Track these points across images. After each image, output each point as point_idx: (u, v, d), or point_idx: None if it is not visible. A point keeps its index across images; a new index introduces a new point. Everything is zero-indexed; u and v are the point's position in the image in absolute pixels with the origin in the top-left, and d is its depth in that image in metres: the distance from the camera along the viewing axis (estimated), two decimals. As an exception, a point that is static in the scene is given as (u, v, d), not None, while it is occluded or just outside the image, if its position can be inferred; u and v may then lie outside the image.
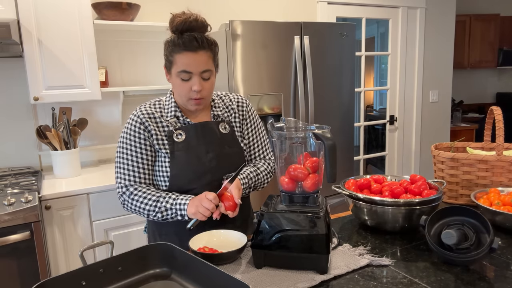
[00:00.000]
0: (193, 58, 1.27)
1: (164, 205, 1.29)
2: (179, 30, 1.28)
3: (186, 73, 1.28)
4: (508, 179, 1.48)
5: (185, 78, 1.29)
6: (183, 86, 1.30)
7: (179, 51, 1.27)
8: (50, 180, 2.29)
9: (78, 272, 0.92)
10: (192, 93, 1.31)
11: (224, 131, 1.41)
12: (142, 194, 1.31)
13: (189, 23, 1.27)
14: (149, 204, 1.30)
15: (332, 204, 2.76)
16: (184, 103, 1.35)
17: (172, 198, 1.30)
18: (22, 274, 1.85)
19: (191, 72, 1.28)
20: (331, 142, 1.07)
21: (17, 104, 2.46)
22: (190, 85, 1.30)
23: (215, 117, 1.42)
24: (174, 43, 1.28)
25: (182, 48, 1.26)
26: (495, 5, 5.33)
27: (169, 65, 1.32)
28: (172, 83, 1.34)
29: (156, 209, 1.29)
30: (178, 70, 1.28)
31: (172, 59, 1.29)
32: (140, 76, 2.80)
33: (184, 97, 1.32)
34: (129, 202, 1.32)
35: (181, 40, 1.26)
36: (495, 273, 1.05)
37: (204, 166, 1.35)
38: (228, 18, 2.99)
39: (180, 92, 1.32)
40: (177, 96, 1.36)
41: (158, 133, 1.34)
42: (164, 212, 1.29)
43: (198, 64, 1.28)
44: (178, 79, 1.30)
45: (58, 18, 2.19)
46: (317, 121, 2.66)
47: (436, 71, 4.03)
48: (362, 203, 1.31)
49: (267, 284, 1.01)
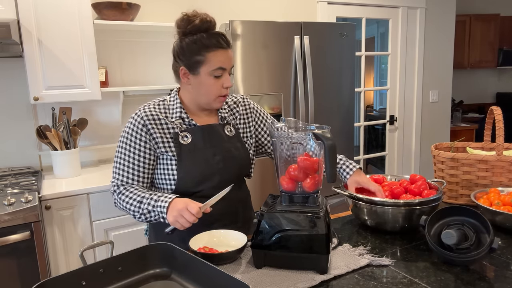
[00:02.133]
0: (226, 55, 1.30)
1: (146, 207, 1.25)
2: (201, 30, 1.28)
3: (221, 70, 1.29)
4: (508, 179, 1.48)
5: (219, 75, 1.30)
6: (215, 84, 1.30)
7: (212, 50, 1.27)
8: (50, 180, 2.29)
9: (78, 272, 0.92)
10: (223, 90, 1.32)
11: (230, 134, 1.41)
12: (129, 194, 1.29)
13: (207, 22, 1.28)
14: (133, 205, 1.27)
15: (332, 204, 2.76)
16: (210, 102, 1.33)
17: (154, 200, 1.24)
18: (22, 274, 1.85)
19: (226, 68, 1.30)
20: (331, 142, 1.06)
21: (17, 104, 2.46)
22: (221, 82, 1.31)
23: (222, 119, 1.41)
24: (202, 43, 1.27)
25: (216, 46, 1.27)
26: (495, 5, 5.33)
27: (196, 65, 1.28)
28: (198, 82, 1.31)
29: (140, 211, 1.26)
30: (212, 68, 1.28)
31: (202, 58, 1.27)
32: (140, 76, 2.80)
33: (214, 95, 1.32)
34: (118, 201, 1.31)
35: (213, 39, 1.27)
36: (495, 273, 1.05)
37: (211, 168, 1.33)
38: (228, 18, 2.99)
39: (210, 90, 1.31)
40: (202, 95, 1.33)
41: (163, 135, 1.32)
42: (147, 214, 1.25)
43: (230, 61, 1.32)
44: (209, 78, 1.29)
45: (58, 18, 2.19)
46: (317, 121, 2.66)
47: (436, 71, 4.03)
48: (362, 203, 1.31)
49: (267, 284, 1.01)
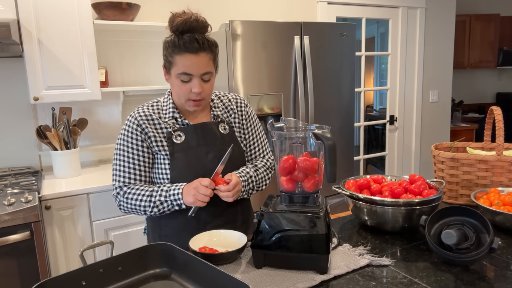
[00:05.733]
0: (193, 60, 1.24)
1: (158, 198, 1.28)
2: (179, 31, 1.25)
3: (186, 75, 1.26)
4: (508, 179, 1.48)
5: (185, 80, 1.27)
6: (183, 87, 1.28)
7: (179, 53, 1.24)
8: (50, 180, 2.29)
9: (78, 272, 0.92)
10: (192, 94, 1.29)
11: (224, 132, 1.40)
12: (136, 192, 1.30)
13: (190, 23, 1.24)
14: (144, 200, 1.28)
15: (332, 204, 2.76)
16: (183, 104, 1.33)
17: (165, 190, 1.28)
18: (22, 274, 1.85)
19: (192, 74, 1.26)
20: (331, 142, 1.07)
21: (17, 104, 2.46)
22: (190, 86, 1.28)
23: (215, 117, 1.41)
24: (174, 44, 1.25)
25: (182, 49, 1.23)
26: (495, 5, 5.34)
27: (169, 65, 1.29)
28: (171, 83, 1.32)
29: (151, 204, 1.28)
30: (178, 71, 1.26)
31: (172, 60, 1.26)
32: (140, 76, 2.80)
33: (183, 98, 1.30)
34: (124, 202, 1.31)
35: (182, 41, 1.23)
36: (495, 273, 1.05)
37: (204, 167, 1.34)
38: (228, 18, 2.99)
39: (179, 93, 1.30)
40: (175, 97, 1.34)
41: (157, 135, 1.33)
42: (160, 205, 1.28)
43: (198, 67, 1.25)
44: (177, 81, 1.28)
45: (58, 18, 2.19)
46: (317, 121, 2.66)
47: (436, 71, 4.03)
48: (362, 203, 1.31)
49: (267, 284, 1.01)
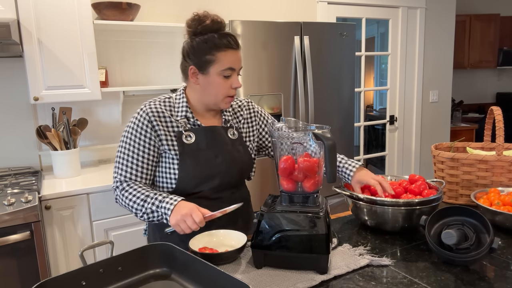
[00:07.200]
0: (237, 56, 1.32)
1: (150, 206, 1.24)
2: (211, 30, 1.29)
3: (230, 70, 1.31)
4: (508, 179, 1.48)
5: (228, 75, 1.31)
6: (224, 84, 1.31)
7: (223, 50, 1.28)
8: (50, 180, 2.29)
9: (78, 272, 0.92)
10: (231, 90, 1.33)
11: (233, 137, 1.41)
12: (132, 192, 1.28)
13: (218, 23, 1.30)
14: (137, 203, 1.26)
15: (332, 204, 2.77)
16: (218, 102, 1.34)
17: (159, 200, 1.23)
18: (22, 274, 1.85)
19: (235, 69, 1.32)
20: (331, 142, 1.07)
21: (17, 104, 2.46)
22: (230, 82, 1.32)
23: (226, 122, 1.42)
24: (215, 42, 1.28)
25: (226, 46, 1.28)
26: (495, 5, 5.34)
27: (206, 65, 1.30)
28: (207, 82, 1.32)
29: (143, 209, 1.25)
30: (221, 68, 1.29)
31: (213, 58, 1.28)
32: (140, 76, 2.80)
33: (222, 95, 1.33)
34: (120, 197, 1.30)
35: (224, 39, 1.28)
36: (495, 273, 1.05)
37: (213, 170, 1.34)
38: (228, 18, 2.98)
39: (218, 91, 1.32)
40: (210, 95, 1.33)
41: (167, 133, 1.32)
42: (150, 214, 1.25)
43: (239, 62, 1.33)
44: (219, 78, 1.30)
45: (58, 18, 2.19)
46: (317, 121, 2.66)
47: (436, 71, 4.03)
48: (362, 203, 1.31)
49: (267, 284, 1.01)
